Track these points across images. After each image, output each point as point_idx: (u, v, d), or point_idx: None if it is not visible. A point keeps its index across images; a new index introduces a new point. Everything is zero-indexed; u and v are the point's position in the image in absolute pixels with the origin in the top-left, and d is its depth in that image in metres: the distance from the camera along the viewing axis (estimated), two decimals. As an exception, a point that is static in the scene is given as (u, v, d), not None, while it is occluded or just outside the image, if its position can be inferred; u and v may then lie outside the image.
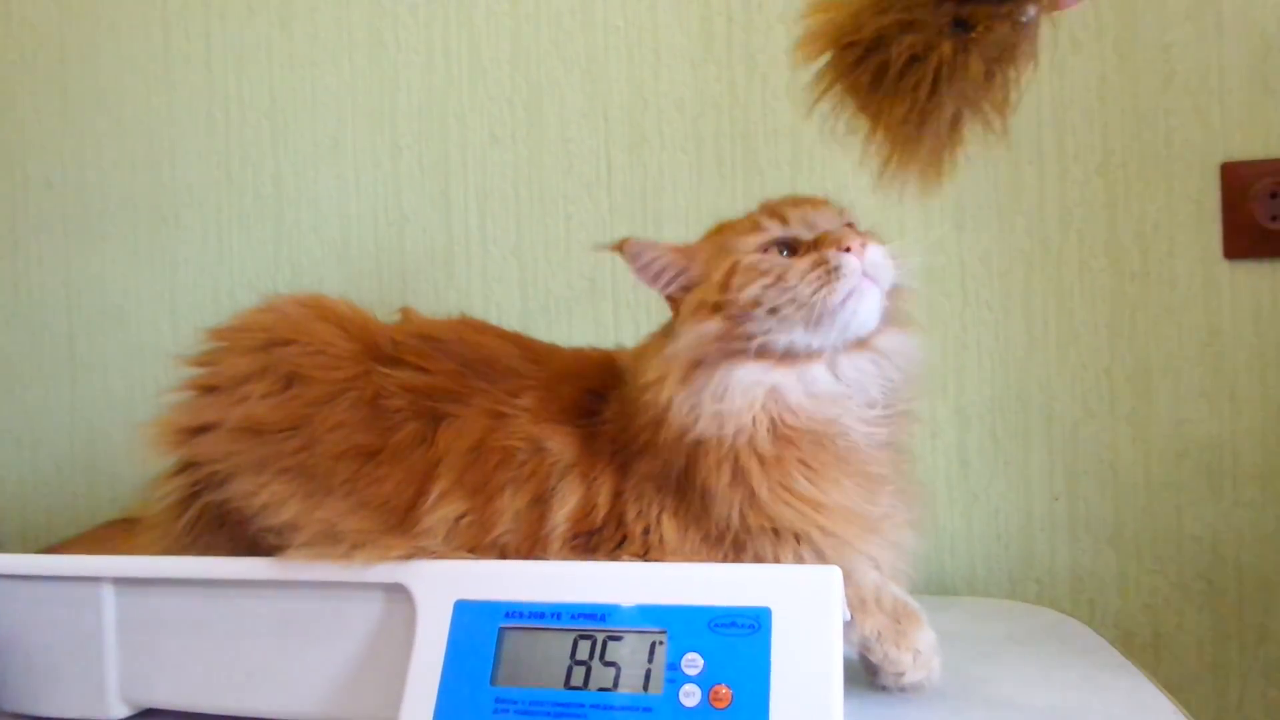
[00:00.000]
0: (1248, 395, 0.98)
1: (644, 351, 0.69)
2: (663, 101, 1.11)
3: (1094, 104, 1.01)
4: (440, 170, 1.17)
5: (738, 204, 1.07)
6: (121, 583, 0.72)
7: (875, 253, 0.65)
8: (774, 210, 0.69)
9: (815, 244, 0.65)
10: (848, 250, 0.64)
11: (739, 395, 0.64)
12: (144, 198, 1.27)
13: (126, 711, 0.73)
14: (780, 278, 0.64)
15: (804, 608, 0.58)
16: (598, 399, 0.70)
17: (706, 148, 1.10)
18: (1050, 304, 1.02)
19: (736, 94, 1.09)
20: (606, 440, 0.67)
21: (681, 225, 1.10)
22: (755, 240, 0.67)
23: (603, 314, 1.12)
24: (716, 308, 0.65)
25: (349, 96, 1.20)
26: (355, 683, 0.66)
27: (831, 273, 0.63)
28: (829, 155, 1.06)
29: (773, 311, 0.64)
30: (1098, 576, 1.01)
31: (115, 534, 0.93)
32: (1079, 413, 1.01)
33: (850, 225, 0.69)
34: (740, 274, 0.65)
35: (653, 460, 0.66)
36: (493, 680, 0.60)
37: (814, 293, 0.63)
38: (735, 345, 0.65)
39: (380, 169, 1.19)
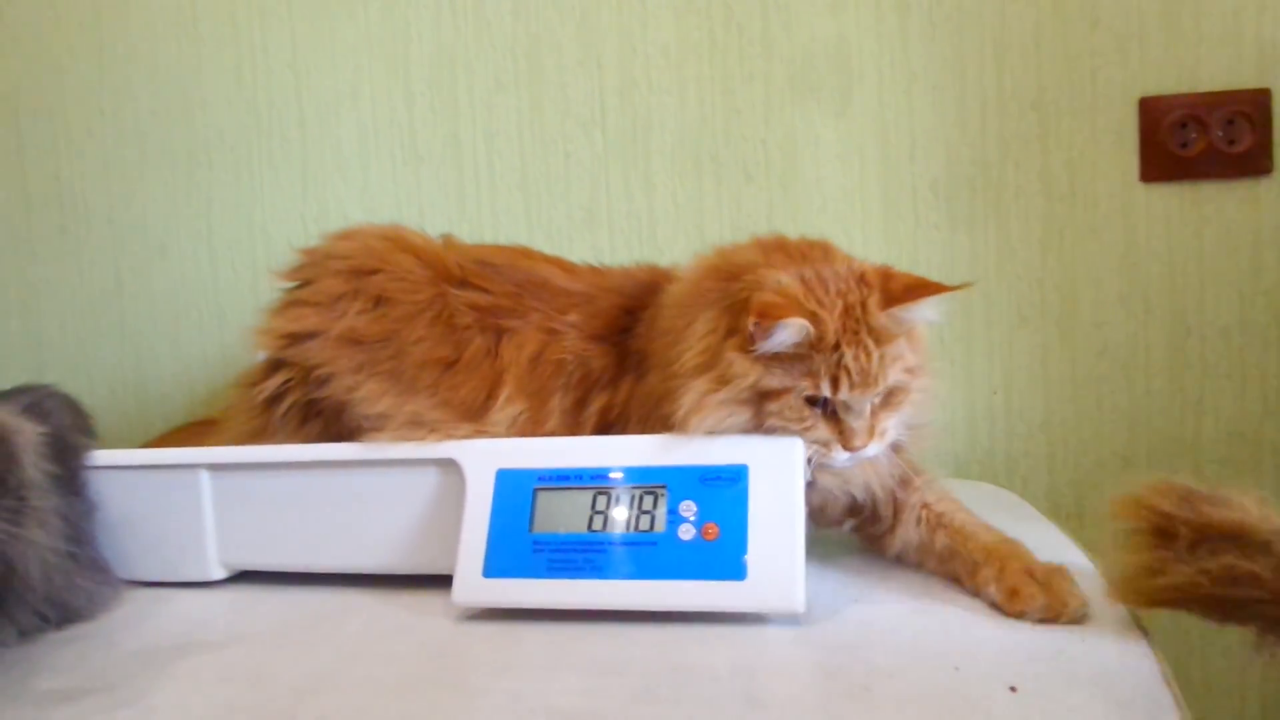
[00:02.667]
0: (1159, 301, 1.14)
1: (691, 320, 0.79)
2: (650, 49, 1.24)
3: (1030, 47, 1.15)
4: (450, 114, 1.30)
5: (718, 141, 1.22)
6: (215, 468, 0.87)
7: (870, 450, 0.76)
8: (834, 371, 0.74)
9: (835, 414, 0.75)
10: (846, 449, 0.75)
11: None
12: (179, 143, 1.39)
13: (224, 574, 0.89)
14: (799, 433, 0.75)
15: (773, 466, 0.74)
16: (632, 316, 0.85)
17: (689, 91, 1.23)
18: (990, 224, 1.17)
19: (716, 42, 1.22)
20: (633, 354, 0.83)
21: (669, 161, 1.24)
22: (808, 389, 0.75)
23: (599, 240, 1.26)
24: (755, 402, 0.76)
25: (365, 47, 1.32)
26: (417, 539, 0.82)
27: (825, 454, 0.76)
28: (797, 99, 1.20)
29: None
30: (1031, 457, 1.18)
31: (192, 433, 1.08)
32: (1014, 318, 1.17)
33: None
34: (780, 405, 0.75)
35: (652, 390, 0.81)
36: (530, 528, 0.76)
37: (811, 454, 0.75)
38: (756, 429, 0.76)
39: (396, 114, 1.32)
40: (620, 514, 0.75)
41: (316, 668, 0.68)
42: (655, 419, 0.79)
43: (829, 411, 0.76)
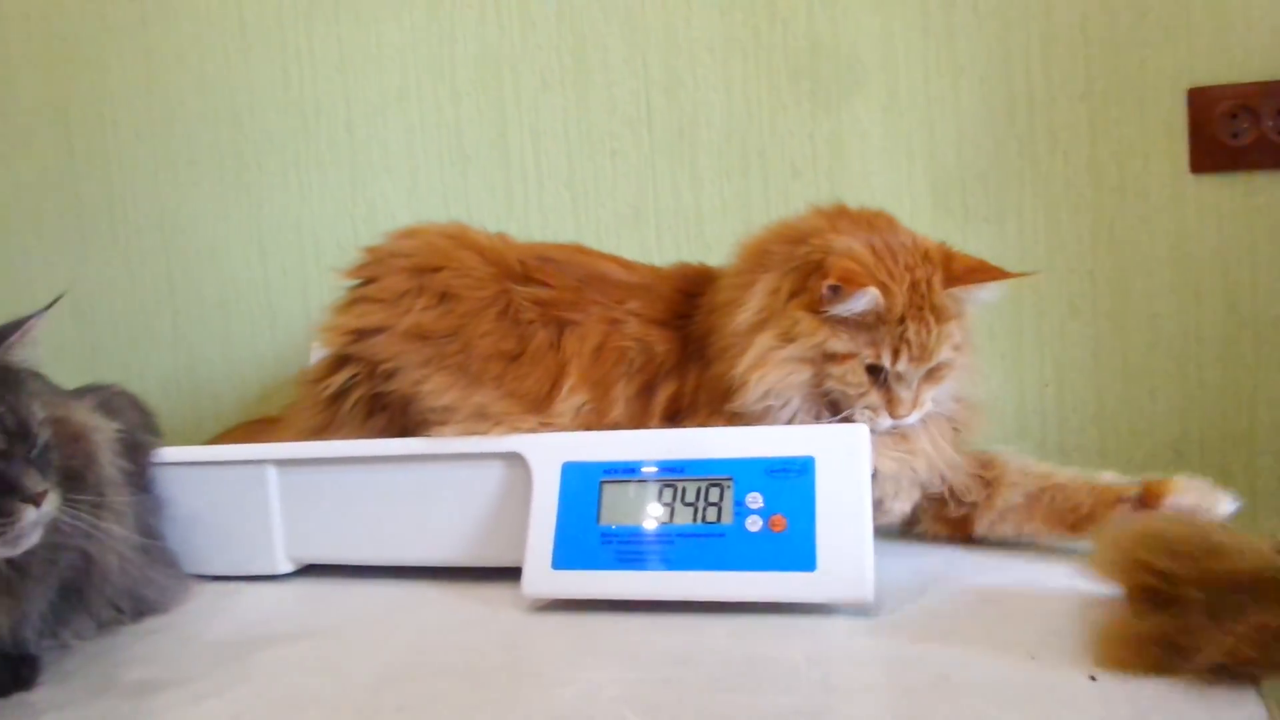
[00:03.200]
0: (1211, 291, 1.14)
1: (751, 285, 0.82)
2: (695, 47, 1.24)
3: (1077, 38, 1.15)
4: (497, 114, 1.31)
5: (764, 137, 1.22)
6: (282, 463, 0.89)
7: (912, 419, 0.80)
8: (896, 343, 0.78)
9: (887, 383, 0.79)
10: (893, 416, 0.79)
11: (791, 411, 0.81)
12: (228, 146, 1.41)
13: (291, 567, 0.90)
14: (851, 397, 0.79)
15: (840, 456, 0.74)
16: (692, 302, 0.87)
17: (735, 88, 1.24)
18: (1040, 217, 1.17)
19: (760, 38, 1.22)
20: (695, 340, 0.85)
21: (715, 158, 1.24)
22: (870, 357, 0.78)
23: (646, 237, 1.27)
24: (818, 362, 0.79)
25: (411, 49, 1.33)
26: (482, 532, 0.83)
27: (871, 419, 0.79)
28: (843, 94, 1.20)
29: (836, 400, 0.80)
30: (1082, 450, 1.18)
31: (251, 431, 1.10)
32: (1065, 311, 1.17)
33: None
34: (842, 369, 0.79)
35: (715, 375, 0.83)
36: (597, 520, 0.77)
37: (860, 419, 0.79)
38: (813, 389, 0.80)
39: (443, 114, 1.33)
40: (686, 506, 0.76)
41: (392, 658, 0.69)
42: (721, 401, 0.81)
43: (882, 380, 0.79)
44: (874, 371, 0.79)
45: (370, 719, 0.58)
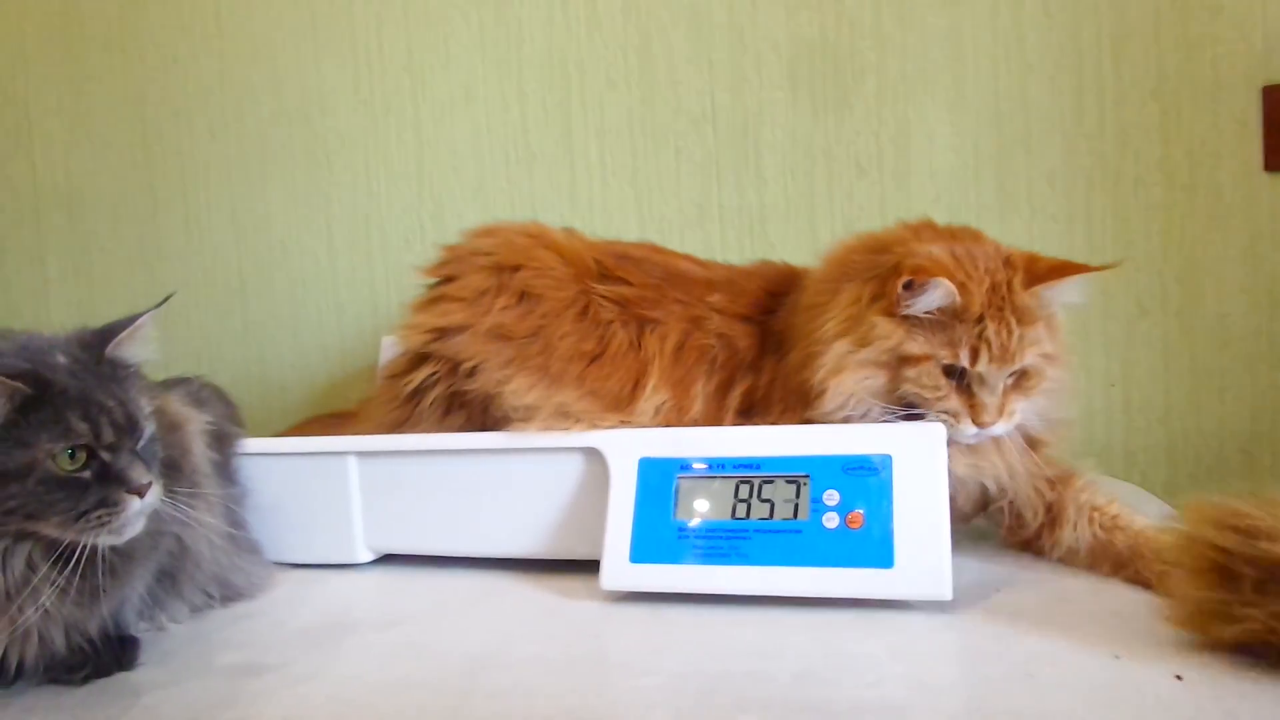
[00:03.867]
0: (1284, 291, 1.13)
1: (835, 293, 0.83)
2: (761, 45, 1.25)
3: (1149, 35, 1.14)
4: (563, 113, 1.33)
5: (829, 135, 1.23)
6: (363, 455, 0.91)
7: (997, 429, 0.79)
8: (975, 343, 0.78)
9: (969, 387, 0.79)
10: (976, 423, 0.78)
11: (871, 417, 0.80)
12: (299, 145, 1.45)
13: (371, 556, 0.93)
14: (929, 400, 0.79)
15: (917, 455, 0.75)
16: (776, 299, 0.88)
17: (800, 86, 1.24)
18: (1109, 215, 1.16)
19: (827, 37, 1.23)
20: (775, 335, 0.86)
21: (779, 156, 1.25)
22: (947, 357, 0.78)
23: (710, 235, 1.28)
24: (894, 366, 0.79)
25: (479, 50, 1.36)
26: (558, 526, 0.85)
27: (953, 425, 0.78)
28: (910, 92, 1.20)
29: (915, 403, 0.80)
30: (1149, 451, 1.17)
31: (326, 425, 1.13)
32: (1134, 310, 1.16)
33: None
34: (917, 371, 0.79)
35: (793, 375, 0.84)
36: (674, 515, 0.78)
37: (941, 423, 0.78)
38: (890, 393, 0.80)
39: (509, 113, 1.35)
40: (763, 503, 0.77)
41: (479, 645, 0.71)
42: (795, 398, 0.82)
43: (963, 384, 0.79)
44: (953, 374, 0.78)
45: (467, 702, 0.60)
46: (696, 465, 0.80)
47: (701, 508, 0.78)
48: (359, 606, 0.83)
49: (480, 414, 0.88)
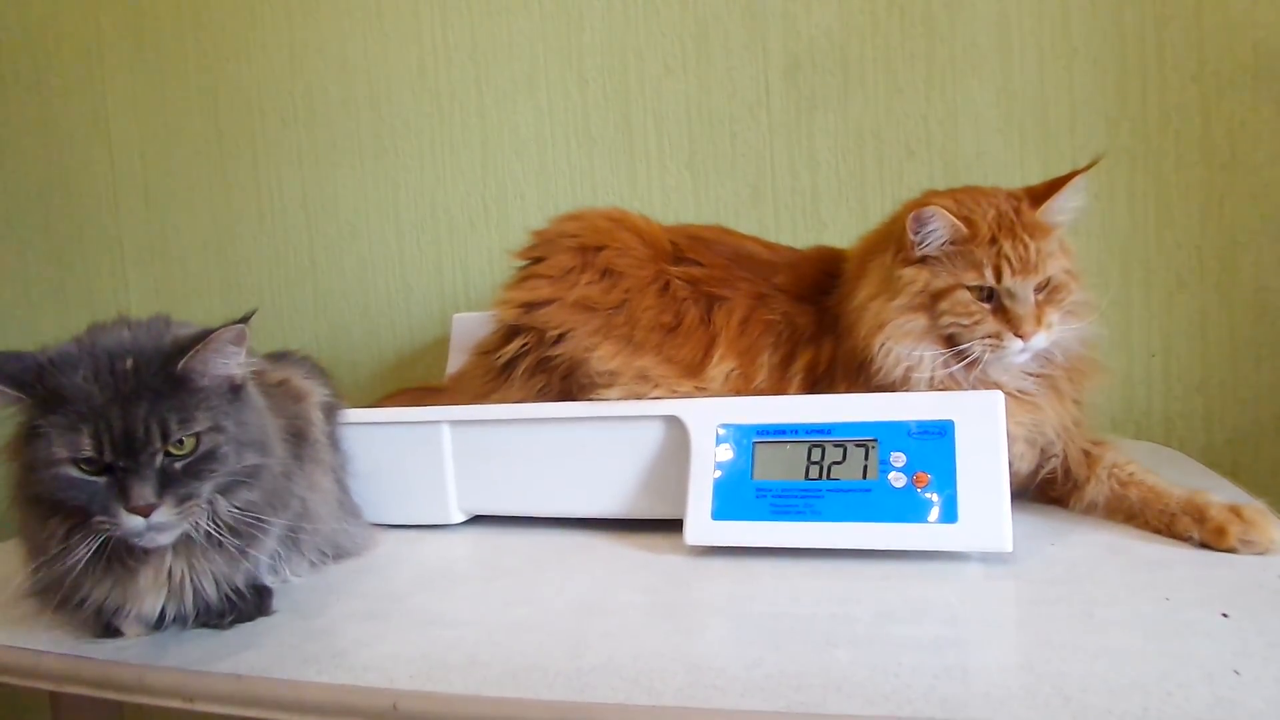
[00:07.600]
0: (1319, 264, 1.18)
1: (865, 269, 0.91)
2: (814, 31, 1.31)
3: (1190, 19, 1.19)
4: (621, 98, 1.39)
5: (880, 118, 1.28)
6: (456, 424, 0.98)
7: (1039, 339, 0.85)
8: (995, 260, 0.85)
9: (1003, 306, 0.85)
10: (1018, 335, 0.85)
11: (923, 365, 0.87)
12: (366, 131, 1.52)
13: (463, 518, 1.00)
14: (968, 328, 0.86)
15: (978, 418, 0.81)
16: (831, 279, 0.95)
17: (852, 71, 1.30)
18: (1150, 194, 1.22)
19: (878, 23, 1.28)
20: (832, 315, 0.93)
21: (832, 139, 1.31)
22: (973, 279, 0.85)
23: (765, 216, 1.34)
24: (929, 306, 0.87)
25: (540, 38, 1.42)
26: (642, 488, 0.92)
27: (998, 346, 0.85)
28: (958, 76, 1.26)
29: (957, 338, 0.86)
30: (1187, 418, 1.23)
31: (416, 397, 1.20)
32: (1173, 283, 1.22)
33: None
34: (949, 302, 0.86)
35: (848, 349, 0.91)
36: (751, 476, 0.85)
37: (982, 350, 0.85)
38: (931, 333, 0.87)
39: (570, 99, 1.41)
40: (835, 465, 0.83)
41: (579, 594, 0.78)
42: (854, 372, 0.89)
43: (996, 305, 0.86)
44: (984, 297, 0.85)
45: (583, 641, 0.67)
46: (772, 430, 0.86)
47: (778, 469, 0.85)
48: (459, 561, 0.91)
49: (560, 380, 0.95)
